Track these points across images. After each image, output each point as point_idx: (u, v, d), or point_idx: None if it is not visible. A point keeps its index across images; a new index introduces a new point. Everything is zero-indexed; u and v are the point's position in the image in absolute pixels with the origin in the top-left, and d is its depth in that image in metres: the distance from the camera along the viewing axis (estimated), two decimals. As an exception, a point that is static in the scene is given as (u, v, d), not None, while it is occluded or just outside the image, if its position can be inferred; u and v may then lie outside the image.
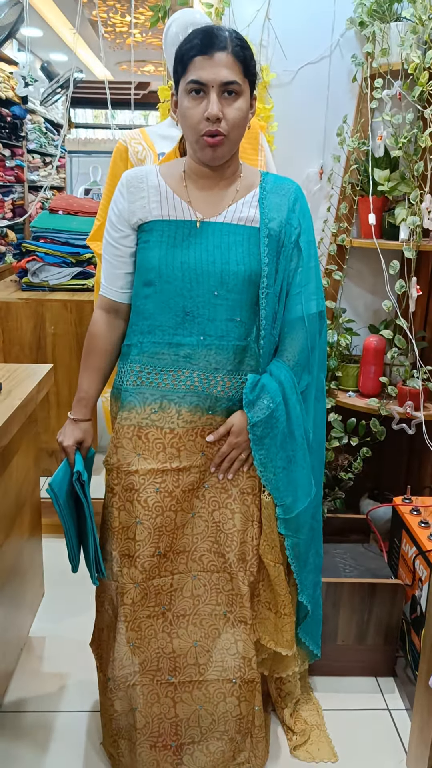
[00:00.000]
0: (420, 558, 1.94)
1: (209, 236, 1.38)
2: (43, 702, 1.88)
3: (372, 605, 1.96)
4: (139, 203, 1.41)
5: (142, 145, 2.01)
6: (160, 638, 1.48)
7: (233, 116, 1.30)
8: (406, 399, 2.24)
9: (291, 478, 1.46)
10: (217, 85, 1.27)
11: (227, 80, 1.27)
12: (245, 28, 2.33)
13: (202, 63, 1.27)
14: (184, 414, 1.41)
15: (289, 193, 1.43)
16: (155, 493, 1.43)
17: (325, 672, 2.00)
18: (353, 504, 2.61)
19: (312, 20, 2.34)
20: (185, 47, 1.29)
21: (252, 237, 1.39)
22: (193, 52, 1.27)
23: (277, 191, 1.43)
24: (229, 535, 1.47)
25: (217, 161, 1.36)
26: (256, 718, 1.55)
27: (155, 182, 1.42)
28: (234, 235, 1.39)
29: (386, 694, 1.97)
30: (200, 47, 1.26)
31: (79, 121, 8.22)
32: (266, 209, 1.40)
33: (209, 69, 1.26)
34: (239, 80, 1.28)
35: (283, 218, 1.41)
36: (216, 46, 1.26)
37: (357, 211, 2.42)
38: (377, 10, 2.24)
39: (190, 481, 1.45)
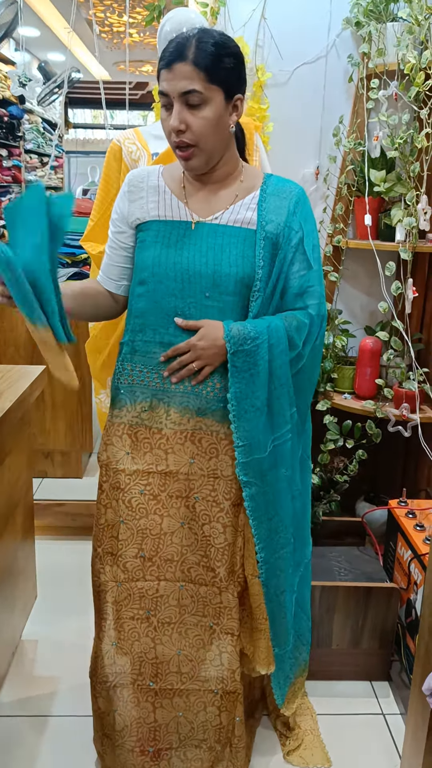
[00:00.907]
0: (415, 561, 1.92)
1: (203, 237, 1.37)
2: (35, 706, 1.86)
3: (367, 609, 1.95)
4: (138, 203, 1.42)
5: (136, 145, 2.00)
6: (143, 642, 1.46)
7: (198, 125, 1.29)
8: (402, 401, 2.23)
9: (258, 422, 1.38)
10: (177, 96, 1.27)
11: (185, 90, 1.26)
12: (241, 28, 2.33)
13: (165, 75, 1.28)
14: (173, 415, 1.40)
15: (291, 196, 1.41)
16: (139, 495, 1.42)
17: (319, 676, 1.99)
18: (349, 506, 2.60)
19: (308, 20, 2.33)
20: (160, 61, 1.31)
21: (248, 239, 1.38)
22: (160, 65, 1.30)
23: (278, 194, 1.41)
24: (219, 549, 1.44)
25: (195, 171, 1.37)
26: (236, 728, 1.53)
27: (155, 182, 1.43)
28: (228, 237, 1.37)
29: (381, 698, 1.96)
30: (165, 60, 1.28)
31: (77, 121, 8.22)
32: (264, 211, 1.38)
33: (169, 81, 1.27)
34: (200, 88, 1.26)
35: (282, 221, 1.39)
36: (176, 57, 1.26)
37: (353, 212, 2.41)
38: (373, 10, 2.23)
39: (177, 487, 1.42)
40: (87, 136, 8.12)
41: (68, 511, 2.69)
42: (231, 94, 1.32)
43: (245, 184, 1.42)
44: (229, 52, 1.30)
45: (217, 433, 1.41)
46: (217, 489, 1.42)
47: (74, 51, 6.42)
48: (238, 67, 1.32)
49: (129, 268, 1.49)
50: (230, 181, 1.41)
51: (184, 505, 1.43)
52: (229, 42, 1.31)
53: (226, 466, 1.42)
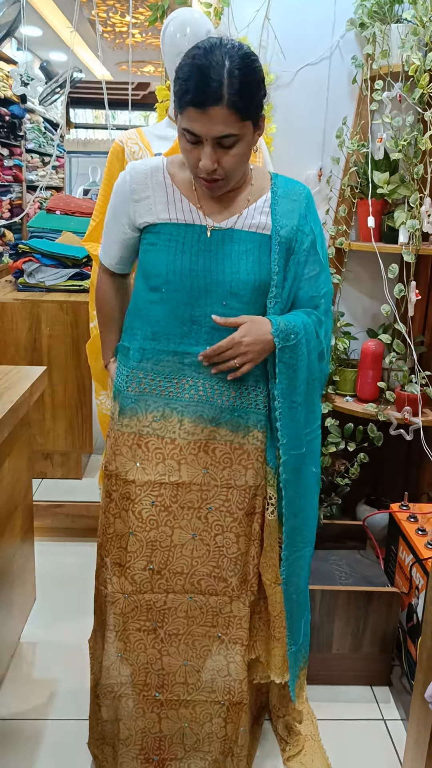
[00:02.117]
0: (417, 566, 1.91)
1: (219, 244, 1.34)
2: (33, 709, 1.85)
3: (368, 613, 1.94)
4: (144, 204, 1.36)
5: (139, 145, 1.98)
6: (149, 653, 1.45)
7: (230, 163, 1.24)
8: (404, 404, 2.22)
9: (299, 417, 1.40)
10: (211, 139, 1.20)
11: (222, 135, 1.19)
12: (244, 29, 2.32)
13: (195, 115, 1.18)
14: (187, 424, 1.37)
15: (301, 198, 1.39)
16: (150, 506, 1.39)
17: (319, 681, 1.98)
18: (350, 510, 2.59)
19: (312, 21, 2.32)
20: (179, 84, 1.19)
21: (263, 245, 1.35)
22: (185, 100, 1.18)
23: (288, 196, 1.39)
24: (232, 559, 1.43)
25: (216, 195, 1.33)
26: (239, 738, 1.52)
27: (161, 180, 1.36)
28: (245, 243, 1.35)
29: (381, 703, 1.95)
30: (193, 98, 1.16)
31: (79, 121, 8.21)
32: (278, 216, 1.36)
33: (202, 123, 1.18)
34: (236, 131, 1.20)
35: (295, 224, 1.37)
36: (210, 98, 1.15)
37: (356, 214, 2.40)
38: (378, 11, 2.21)
39: (190, 498, 1.40)
40: (88, 136, 8.12)
41: (68, 512, 2.68)
42: (258, 120, 1.26)
43: (255, 186, 1.39)
44: (258, 77, 1.22)
45: (231, 443, 1.39)
46: (231, 499, 1.41)
47: (76, 51, 6.42)
48: (263, 89, 1.25)
49: (126, 257, 1.51)
50: (242, 185, 1.38)
51: (196, 516, 1.41)
52: (255, 63, 1.21)
53: (240, 476, 1.41)
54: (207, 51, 1.17)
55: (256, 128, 1.27)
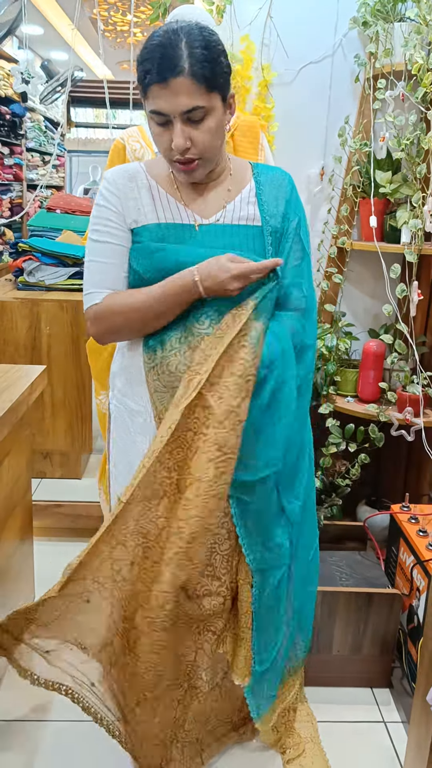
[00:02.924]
0: (418, 567, 1.90)
1: (211, 240, 1.32)
2: (32, 710, 1.83)
3: (368, 615, 1.92)
4: (132, 204, 1.33)
5: (140, 143, 1.98)
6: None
7: (202, 139, 1.22)
8: (406, 405, 2.21)
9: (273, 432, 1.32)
10: (179, 114, 1.18)
11: (188, 108, 1.18)
12: (247, 27, 2.30)
13: (159, 92, 1.16)
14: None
15: (284, 184, 1.38)
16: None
17: (319, 682, 1.97)
18: (350, 510, 2.57)
19: (314, 19, 2.31)
20: (140, 69, 1.18)
21: (256, 237, 1.34)
22: (147, 78, 1.17)
23: (272, 182, 1.37)
24: (225, 556, 1.41)
25: (196, 180, 1.30)
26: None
27: (145, 182, 1.34)
28: (237, 237, 1.33)
29: (382, 705, 1.93)
30: (155, 73, 1.15)
31: (80, 120, 8.19)
32: (265, 205, 1.35)
33: (167, 98, 1.17)
34: (203, 102, 1.18)
35: (281, 211, 1.36)
36: (171, 71, 1.14)
37: (358, 214, 2.39)
38: (381, 9, 2.20)
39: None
40: (89, 136, 8.09)
41: (67, 512, 2.66)
42: (226, 94, 1.25)
43: (235, 177, 1.37)
44: (219, 50, 1.21)
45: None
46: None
47: (78, 50, 6.41)
48: (227, 63, 1.23)
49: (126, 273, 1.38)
50: (222, 176, 1.36)
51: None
52: (214, 36, 1.21)
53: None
54: (165, 32, 1.18)
55: (226, 106, 1.25)
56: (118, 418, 1.46)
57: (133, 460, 1.41)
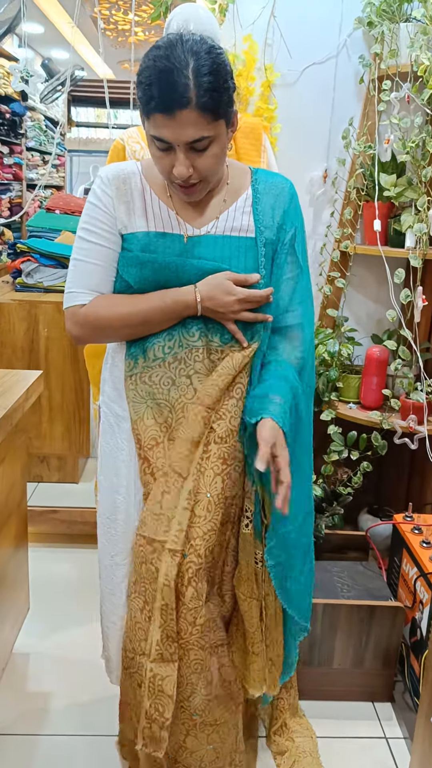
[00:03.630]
0: (421, 580, 1.86)
1: (202, 251, 1.26)
2: (24, 724, 1.79)
3: (370, 628, 1.88)
4: (124, 207, 1.27)
5: (140, 144, 1.93)
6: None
7: (205, 165, 1.17)
8: (409, 412, 2.17)
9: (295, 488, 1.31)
10: (183, 144, 1.13)
11: (194, 139, 1.12)
12: (249, 26, 2.26)
13: (163, 122, 1.10)
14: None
15: (284, 194, 1.31)
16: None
17: (319, 696, 1.93)
18: (351, 519, 2.53)
19: (319, 19, 2.27)
20: (143, 90, 1.11)
21: (249, 250, 1.28)
22: (151, 105, 1.09)
23: (270, 191, 1.31)
24: (228, 575, 1.38)
25: (195, 200, 1.25)
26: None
27: (139, 185, 1.28)
28: (228, 249, 1.27)
29: (383, 720, 1.89)
30: (159, 103, 1.08)
31: (80, 119, 8.15)
32: (261, 215, 1.29)
33: (172, 129, 1.10)
34: (208, 132, 1.13)
35: (278, 222, 1.30)
36: (178, 102, 1.07)
37: (362, 217, 2.35)
38: (386, 10, 2.16)
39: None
40: (89, 135, 8.05)
41: (63, 518, 2.62)
42: (230, 117, 1.19)
43: (232, 185, 1.31)
44: (226, 72, 1.14)
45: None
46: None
47: (78, 49, 6.36)
48: (233, 84, 1.17)
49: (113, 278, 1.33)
50: (218, 185, 1.30)
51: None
52: (221, 56, 1.13)
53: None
54: (168, 50, 1.08)
55: (229, 126, 1.20)
56: (105, 424, 1.42)
57: (119, 466, 1.37)
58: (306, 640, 1.89)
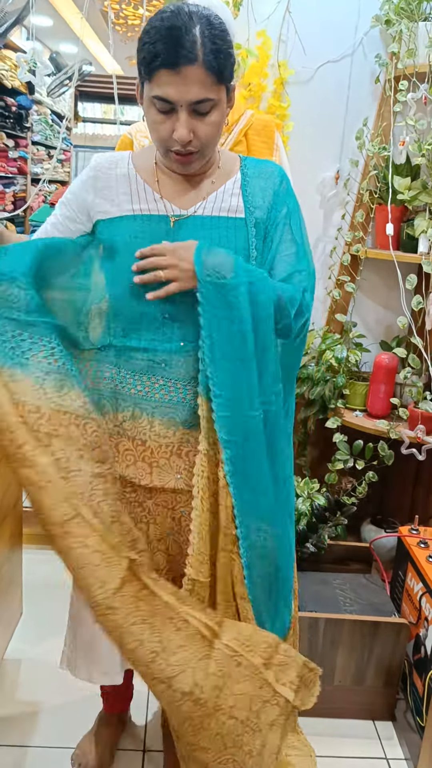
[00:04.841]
0: (427, 596, 1.80)
1: (188, 233, 1.23)
2: (13, 734, 1.74)
3: (373, 644, 1.83)
4: (106, 193, 1.26)
5: (149, 138, 1.88)
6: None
7: (205, 132, 1.15)
8: (418, 422, 2.11)
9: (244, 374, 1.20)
10: (186, 104, 1.11)
11: (198, 99, 1.11)
12: (264, 21, 2.21)
13: (168, 78, 1.09)
14: (157, 427, 1.26)
15: (273, 176, 1.29)
16: (126, 503, 1.29)
17: (318, 713, 1.85)
18: (354, 528, 2.48)
19: (335, 16, 2.22)
20: (148, 49, 1.10)
21: (238, 230, 1.24)
22: (157, 62, 1.08)
23: (260, 175, 1.28)
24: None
25: (189, 171, 1.23)
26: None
27: (125, 170, 1.27)
28: (217, 230, 1.24)
29: (384, 740, 1.83)
30: (165, 58, 1.07)
31: (87, 115, 8.10)
32: (250, 196, 1.26)
33: (176, 86, 1.09)
34: (212, 94, 1.12)
35: (269, 203, 1.26)
36: (184, 57, 1.07)
37: (374, 220, 2.29)
38: (405, 8, 2.11)
39: (164, 498, 1.31)
40: (95, 131, 8.00)
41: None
42: (231, 88, 1.19)
43: (222, 170, 1.29)
44: (229, 40, 1.14)
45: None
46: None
47: (87, 43, 6.31)
48: (234, 56, 1.17)
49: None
50: (208, 168, 1.28)
51: (170, 517, 1.32)
52: (224, 26, 1.14)
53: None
54: (174, 13, 1.10)
55: (229, 98, 1.19)
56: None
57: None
58: (306, 656, 1.83)
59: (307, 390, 2.30)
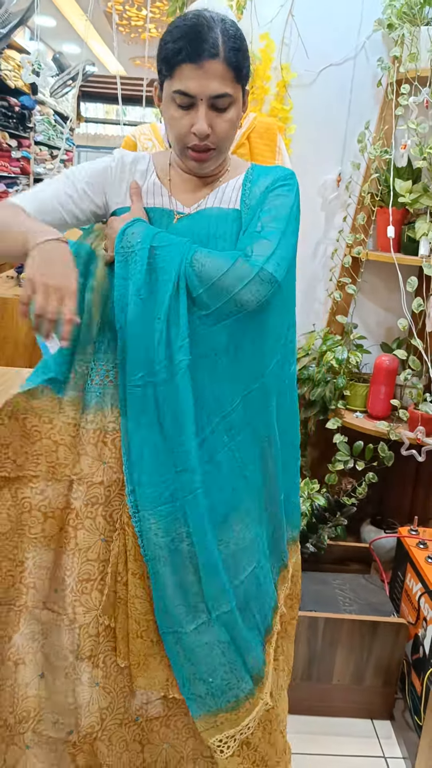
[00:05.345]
0: (426, 596, 1.82)
1: (189, 227, 1.25)
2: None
3: (372, 644, 1.84)
4: (124, 187, 1.29)
5: (152, 140, 1.89)
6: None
7: (223, 129, 1.19)
8: (418, 424, 2.12)
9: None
10: (207, 98, 1.15)
11: (218, 93, 1.14)
12: (267, 24, 2.22)
13: (190, 72, 1.13)
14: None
15: (278, 173, 1.29)
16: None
17: (317, 712, 1.88)
18: (354, 529, 2.49)
19: (337, 20, 2.23)
20: (170, 47, 1.14)
21: (233, 221, 1.26)
22: (180, 56, 1.13)
23: (265, 174, 1.30)
24: None
25: (204, 171, 1.26)
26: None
27: (144, 167, 1.31)
28: (211, 220, 1.26)
29: (382, 739, 1.85)
30: (188, 53, 1.12)
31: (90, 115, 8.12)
32: (248, 191, 1.28)
33: (198, 80, 1.13)
34: (231, 91, 1.16)
35: (262, 192, 1.26)
36: (206, 52, 1.11)
37: (375, 223, 2.30)
38: (407, 12, 2.12)
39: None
40: (97, 131, 8.01)
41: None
42: (245, 90, 1.23)
43: (230, 173, 1.31)
44: (245, 42, 1.19)
45: None
46: None
47: (90, 44, 6.32)
48: (249, 65, 1.22)
49: (60, 225, 1.27)
50: (219, 171, 1.30)
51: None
52: (240, 31, 1.20)
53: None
54: (196, 16, 1.15)
55: (244, 98, 1.23)
56: None
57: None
58: (305, 655, 1.85)
59: (308, 391, 2.32)
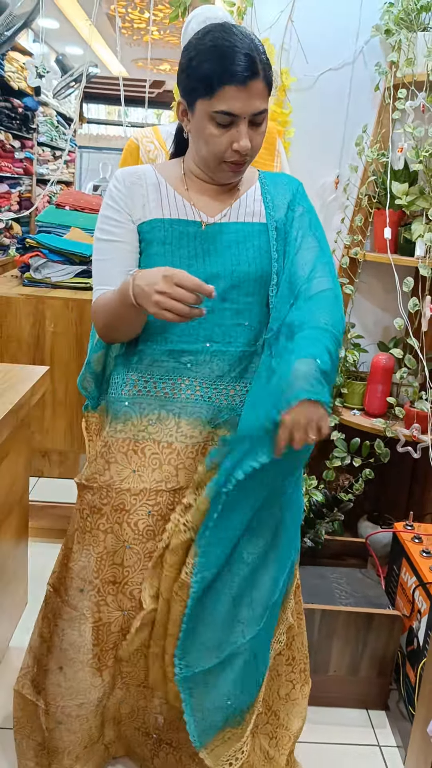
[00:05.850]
0: (420, 589, 1.86)
1: (217, 237, 1.29)
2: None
3: (367, 636, 1.88)
4: (139, 200, 1.30)
5: (154, 143, 1.94)
6: (143, 666, 1.38)
7: (258, 142, 1.24)
8: (413, 421, 2.17)
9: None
10: (249, 116, 1.19)
11: (259, 111, 1.19)
12: (267, 30, 2.26)
13: (236, 93, 1.15)
14: (184, 427, 1.30)
15: (290, 183, 1.38)
16: (147, 516, 1.31)
17: (313, 702, 1.91)
18: (350, 524, 2.53)
19: (336, 25, 2.27)
20: (208, 67, 1.15)
21: (261, 234, 1.31)
22: (225, 78, 1.14)
23: (276, 184, 1.37)
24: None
25: (236, 180, 1.31)
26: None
27: (154, 180, 1.32)
28: (243, 234, 1.31)
29: (377, 728, 1.89)
30: (233, 74, 1.14)
31: (92, 116, 8.17)
32: (270, 201, 1.34)
33: (243, 101, 1.16)
34: (267, 105, 1.21)
35: (286, 206, 1.34)
36: (252, 73, 1.15)
37: (372, 224, 2.35)
38: (404, 18, 2.16)
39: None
40: (99, 132, 8.06)
41: (63, 513, 2.62)
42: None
43: (244, 180, 1.36)
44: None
45: None
46: None
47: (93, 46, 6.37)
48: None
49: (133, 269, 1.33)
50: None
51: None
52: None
53: None
54: (224, 32, 1.17)
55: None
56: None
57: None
58: (303, 646, 1.89)
59: (306, 389, 2.36)
